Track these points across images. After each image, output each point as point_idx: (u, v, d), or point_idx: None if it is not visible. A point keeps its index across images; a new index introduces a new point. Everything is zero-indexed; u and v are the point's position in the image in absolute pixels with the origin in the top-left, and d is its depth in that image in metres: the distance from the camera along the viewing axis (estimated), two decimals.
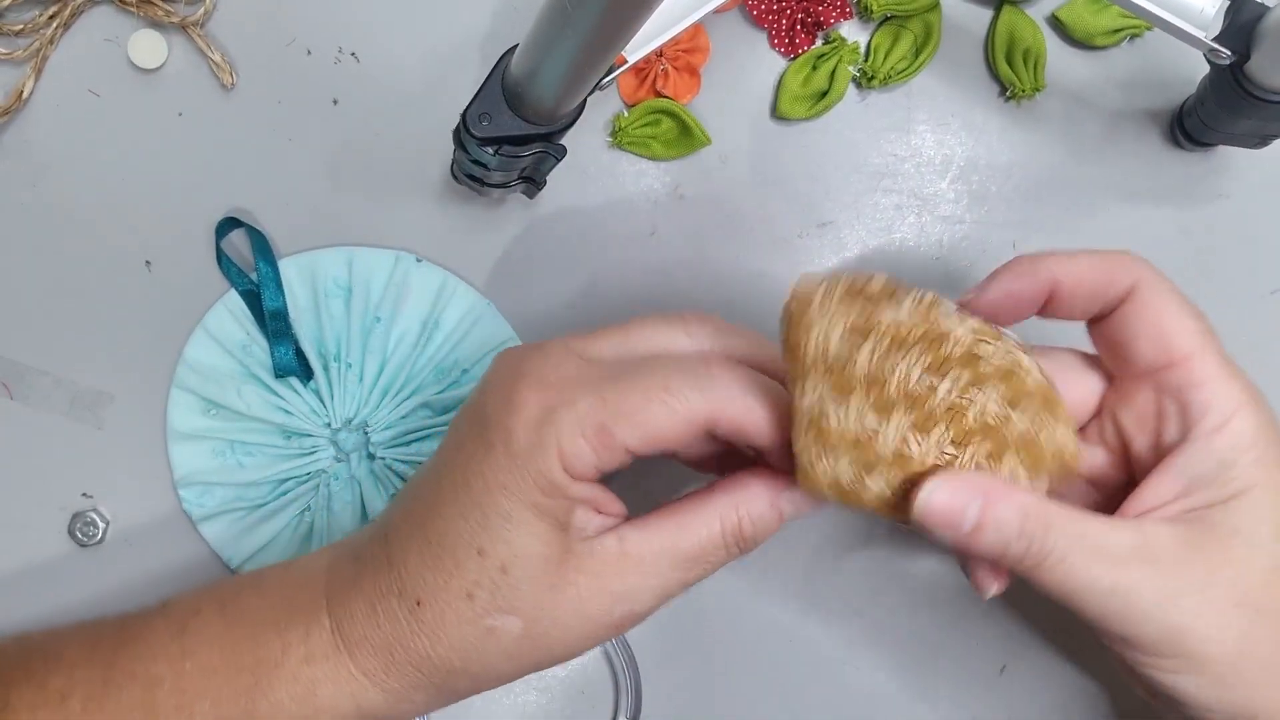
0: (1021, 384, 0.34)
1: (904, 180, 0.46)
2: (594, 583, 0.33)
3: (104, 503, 0.44)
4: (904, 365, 0.33)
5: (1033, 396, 0.35)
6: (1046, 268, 0.36)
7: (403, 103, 0.45)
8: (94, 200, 0.44)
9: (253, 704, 0.34)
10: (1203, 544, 0.33)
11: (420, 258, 0.45)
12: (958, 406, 0.34)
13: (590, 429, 0.33)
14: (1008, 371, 0.34)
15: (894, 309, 0.34)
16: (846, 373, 0.33)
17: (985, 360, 0.34)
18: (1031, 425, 0.35)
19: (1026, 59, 0.46)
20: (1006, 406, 0.34)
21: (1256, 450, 0.34)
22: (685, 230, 0.46)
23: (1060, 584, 0.33)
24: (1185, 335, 0.35)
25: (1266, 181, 0.47)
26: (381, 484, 0.44)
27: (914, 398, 0.33)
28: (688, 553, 0.34)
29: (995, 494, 0.33)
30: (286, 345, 0.43)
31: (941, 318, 0.34)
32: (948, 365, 0.34)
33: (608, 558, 0.34)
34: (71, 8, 0.43)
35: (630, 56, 0.40)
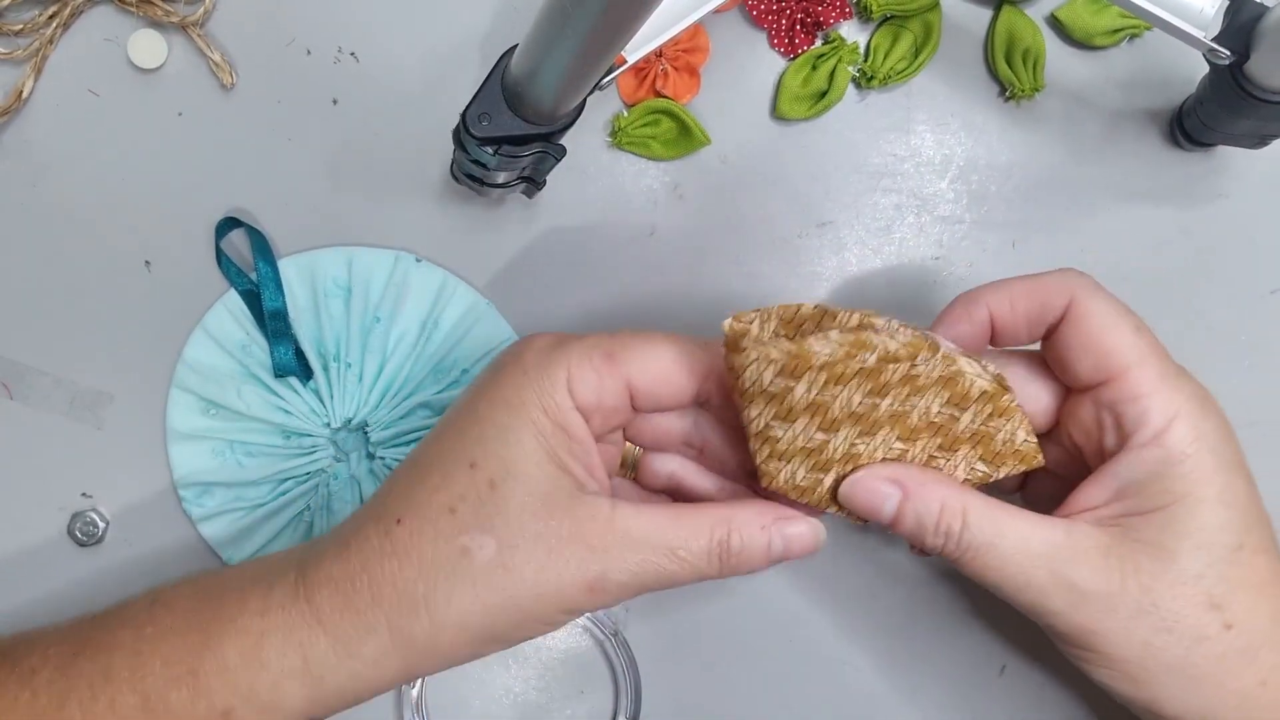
0: (964, 389, 0.35)
1: (903, 180, 0.46)
2: (576, 531, 0.33)
3: (104, 503, 0.44)
4: (844, 394, 0.35)
5: (979, 399, 0.36)
6: (981, 305, 0.37)
7: (402, 102, 0.45)
8: (94, 200, 0.44)
9: (199, 660, 0.34)
10: (1121, 550, 0.35)
11: (420, 258, 0.45)
12: (900, 413, 0.35)
13: (599, 355, 0.34)
14: (948, 379, 0.35)
15: (823, 341, 0.34)
16: (787, 403, 0.35)
17: (924, 375, 0.35)
18: (983, 423, 0.36)
19: (1026, 59, 0.46)
20: (951, 407, 0.35)
21: (1189, 464, 0.35)
22: (685, 230, 0.46)
23: (980, 575, 0.35)
24: (1120, 351, 0.36)
25: (1266, 181, 0.47)
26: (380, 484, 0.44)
27: (858, 415, 0.35)
28: (672, 545, 0.34)
29: (914, 486, 0.35)
30: (286, 345, 0.43)
31: (874, 338, 0.35)
32: (886, 389, 0.35)
33: (597, 515, 0.34)
34: (71, 7, 0.43)
35: (630, 56, 0.40)
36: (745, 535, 0.35)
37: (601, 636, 0.45)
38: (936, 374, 0.35)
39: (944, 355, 0.35)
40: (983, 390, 0.35)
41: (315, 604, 0.34)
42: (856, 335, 0.34)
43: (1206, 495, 0.35)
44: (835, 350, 0.34)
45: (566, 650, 0.45)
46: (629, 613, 0.45)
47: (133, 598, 0.37)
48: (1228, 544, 0.35)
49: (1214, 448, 0.35)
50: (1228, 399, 0.47)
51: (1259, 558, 0.35)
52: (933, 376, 0.35)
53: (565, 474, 0.34)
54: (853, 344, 0.34)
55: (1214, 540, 0.35)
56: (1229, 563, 0.35)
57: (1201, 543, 0.34)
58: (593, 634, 0.45)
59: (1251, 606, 0.35)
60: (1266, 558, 0.36)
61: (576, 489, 0.34)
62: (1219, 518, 0.35)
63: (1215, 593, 0.34)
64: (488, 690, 0.45)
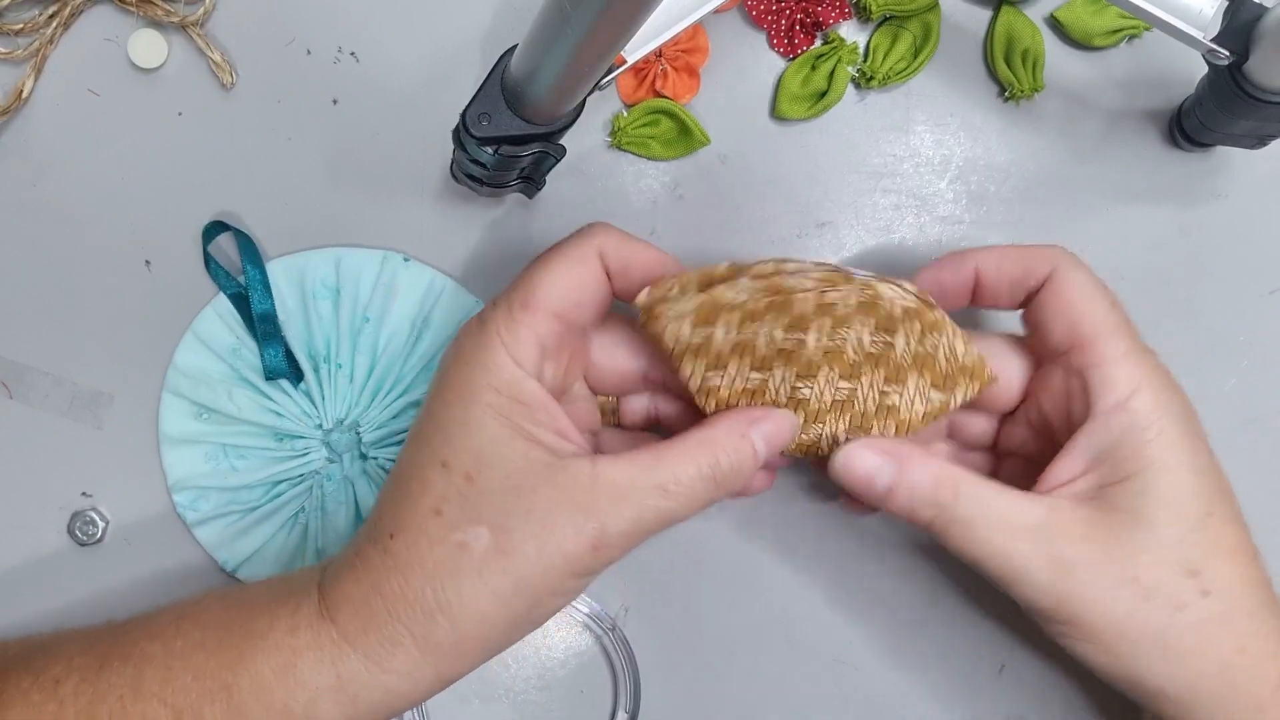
0: (887, 312, 0.36)
1: (903, 180, 0.46)
2: (563, 497, 0.33)
3: (103, 502, 0.44)
4: (764, 330, 0.35)
5: (903, 318, 0.36)
6: (971, 260, 0.38)
7: (402, 102, 0.45)
8: (94, 200, 0.44)
9: (234, 677, 0.34)
10: (1100, 522, 0.35)
11: (408, 257, 0.45)
12: (832, 349, 0.36)
13: (516, 309, 0.35)
14: (868, 305, 0.36)
15: (734, 288, 0.35)
16: (713, 350, 0.35)
17: (841, 303, 0.36)
18: (920, 344, 0.36)
19: (1025, 59, 0.46)
20: (881, 334, 0.36)
21: (1154, 430, 0.35)
22: (684, 230, 0.46)
23: (964, 549, 0.36)
24: (1093, 319, 0.37)
25: (1265, 182, 0.47)
26: (374, 484, 0.44)
27: (787, 353, 0.35)
28: (662, 483, 0.34)
29: (911, 461, 0.36)
30: (276, 348, 0.43)
31: (787, 279, 0.36)
32: (805, 320, 0.36)
33: (579, 477, 0.34)
34: (71, 7, 0.43)
35: (629, 57, 0.40)
36: (729, 450, 0.35)
37: (600, 633, 0.45)
38: (854, 301, 0.36)
39: (859, 281, 0.36)
40: (905, 308, 0.36)
41: (340, 624, 0.34)
42: (768, 280, 0.36)
43: (1176, 462, 0.35)
44: (747, 295, 0.35)
45: (566, 648, 0.45)
46: (628, 611, 0.45)
47: (156, 610, 0.37)
48: (1199, 511, 0.35)
49: (1178, 417, 0.36)
50: (1226, 398, 0.47)
51: (1228, 526, 0.36)
52: (851, 304, 0.36)
53: (536, 445, 0.34)
54: (765, 288, 0.35)
55: (1186, 507, 0.35)
56: (1202, 529, 0.35)
57: (1175, 509, 0.35)
58: (592, 631, 0.45)
59: (1227, 573, 0.35)
60: (1234, 526, 0.36)
61: (552, 457, 0.34)
62: (1189, 484, 0.35)
63: (1191, 559, 0.35)
64: (487, 689, 0.45)
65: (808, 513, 0.46)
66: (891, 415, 0.37)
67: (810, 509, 0.46)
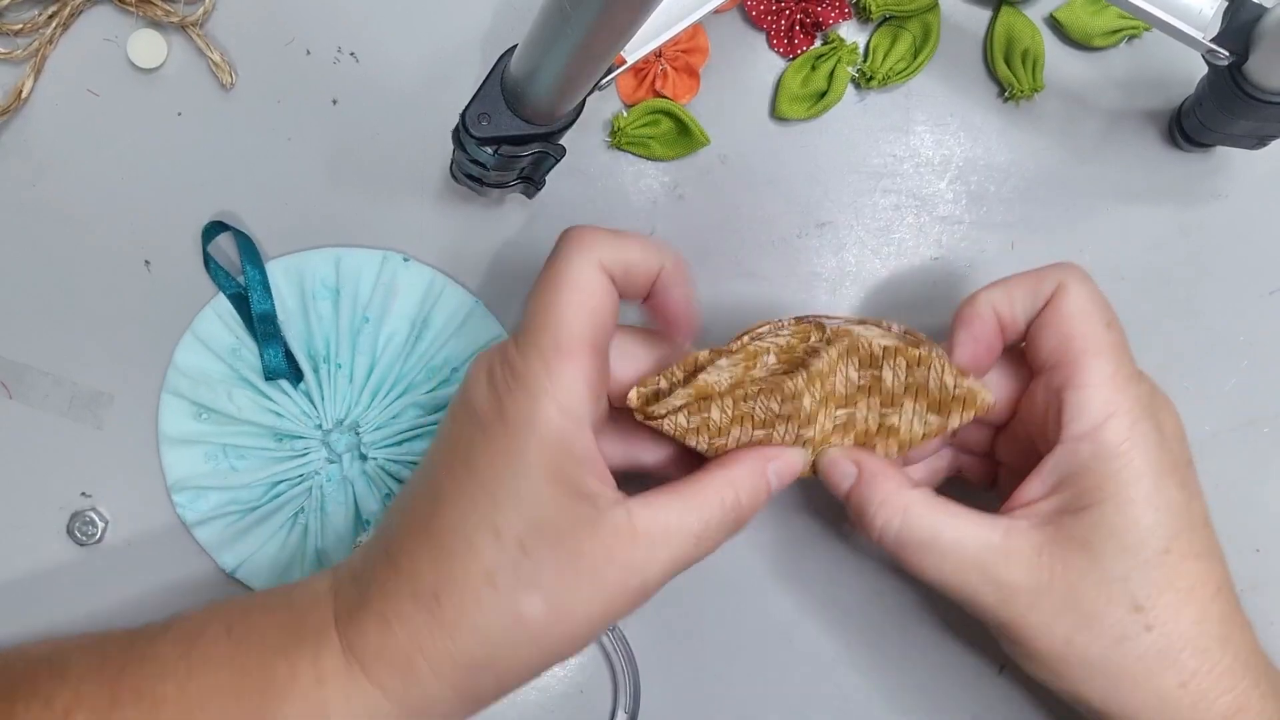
0: (869, 351, 0.37)
1: (902, 180, 0.46)
2: (607, 553, 0.33)
3: (103, 502, 0.44)
4: (759, 404, 0.36)
5: (886, 355, 0.37)
6: (987, 307, 0.38)
7: (402, 103, 0.45)
8: (93, 200, 0.44)
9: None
10: (1052, 549, 0.36)
11: (408, 257, 0.45)
12: (825, 394, 0.37)
13: (551, 354, 0.34)
14: (849, 350, 0.37)
15: (716, 370, 0.37)
16: (714, 427, 0.36)
17: (823, 356, 0.37)
18: (907, 376, 0.37)
19: (1025, 60, 0.46)
20: (867, 369, 0.37)
21: (1120, 462, 0.35)
22: (684, 230, 0.46)
23: (916, 571, 0.37)
24: (1083, 336, 0.36)
25: (1264, 182, 0.47)
26: (374, 484, 0.44)
27: (785, 416, 0.37)
28: (696, 532, 0.35)
29: (866, 475, 0.37)
30: (276, 348, 0.43)
31: (761, 345, 0.37)
32: (798, 393, 0.36)
33: (619, 529, 0.34)
34: (71, 7, 0.43)
35: (629, 57, 0.40)
36: (748, 488, 0.36)
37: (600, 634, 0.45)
38: (835, 354, 0.37)
39: (833, 330, 0.37)
40: (885, 347, 0.37)
41: (375, 678, 0.34)
42: (744, 351, 0.37)
43: (1135, 497, 0.35)
44: (731, 374, 0.37)
45: None
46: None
47: (154, 631, 0.37)
48: (1155, 547, 0.35)
49: (1149, 449, 0.36)
50: (1226, 398, 0.47)
51: (1187, 563, 0.36)
52: (831, 357, 0.37)
53: (584, 499, 0.34)
54: (745, 362, 0.37)
55: (1141, 542, 0.35)
56: (1155, 566, 0.35)
57: (1127, 545, 0.35)
58: None
59: (1176, 610, 0.35)
60: (1197, 563, 0.36)
61: (595, 510, 0.34)
62: (1147, 520, 0.35)
63: (1139, 595, 0.35)
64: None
65: (808, 513, 0.46)
66: (893, 435, 0.38)
67: (810, 509, 0.46)
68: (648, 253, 0.36)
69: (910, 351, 0.37)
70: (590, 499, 0.34)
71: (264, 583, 0.44)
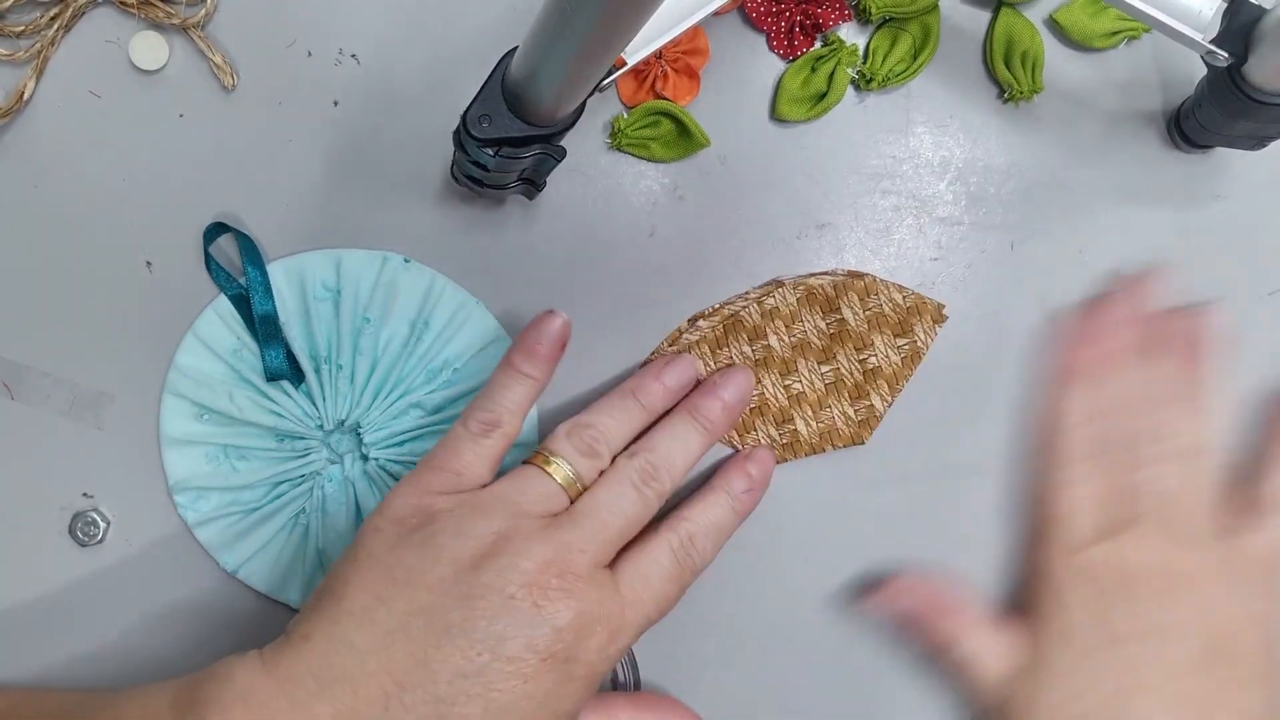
0: (824, 295, 0.44)
1: (902, 182, 0.46)
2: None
3: (104, 503, 0.44)
4: (734, 353, 0.44)
5: (839, 293, 0.44)
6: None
7: (403, 104, 0.45)
8: (95, 201, 0.44)
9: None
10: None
11: (408, 258, 0.45)
12: (798, 343, 0.44)
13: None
14: (807, 297, 0.44)
15: (692, 332, 0.44)
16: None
17: (781, 304, 0.44)
18: (864, 309, 0.44)
19: (1024, 61, 0.46)
20: (830, 315, 0.44)
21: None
22: (684, 231, 0.46)
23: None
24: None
25: (1264, 183, 0.47)
26: (375, 485, 0.44)
27: (763, 362, 0.44)
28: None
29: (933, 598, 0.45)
30: (277, 349, 0.43)
31: (730, 307, 0.44)
32: (759, 330, 0.44)
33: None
34: (73, 9, 0.43)
35: (630, 58, 0.40)
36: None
37: None
38: (795, 299, 0.43)
39: (791, 281, 0.44)
40: (836, 284, 0.44)
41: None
42: (719, 313, 0.44)
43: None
44: (704, 332, 0.44)
45: None
46: None
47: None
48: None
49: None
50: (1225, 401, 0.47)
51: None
52: (791, 303, 0.43)
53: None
54: (717, 319, 0.44)
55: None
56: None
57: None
58: None
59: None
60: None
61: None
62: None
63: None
64: None
65: (807, 513, 0.46)
66: (879, 376, 0.44)
67: (809, 509, 0.46)
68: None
69: (856, 283, 0.44)
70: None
71: (264, 583, 0.44)
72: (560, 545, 0.36)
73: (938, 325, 0.44)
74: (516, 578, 0.35)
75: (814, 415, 0.44)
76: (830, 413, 0.44)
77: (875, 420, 0.45)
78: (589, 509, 0.38)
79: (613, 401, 0.41)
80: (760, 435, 0.44)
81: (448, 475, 0.38)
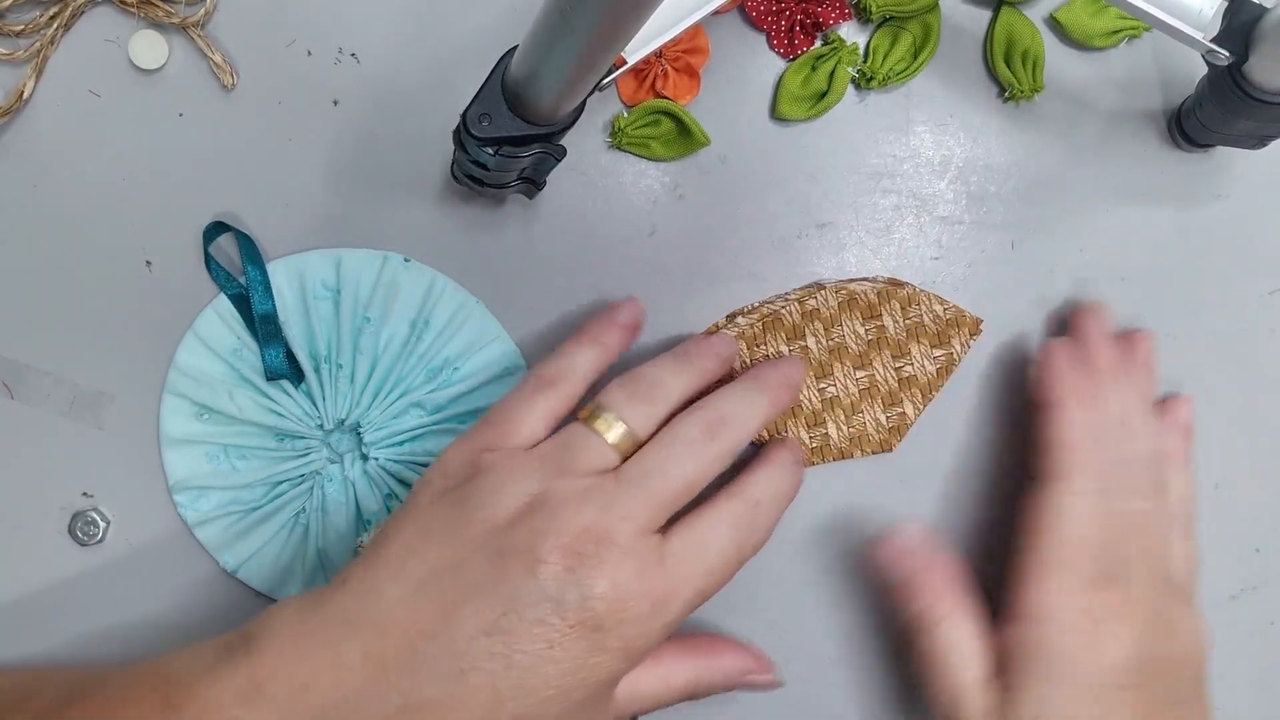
0: (866, 301, 0.44)
1: (903, 181, 0.46)
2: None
3: (104, 502, 0.44)
4: (771, 351, 0.44)
5: (882, 300, 0.44)
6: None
7: (403, 103, 0.45)
8: (95, 200, 0.44)
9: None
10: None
11: (408, 258, 0.45)
12: (835, 347, 0.44)
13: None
14: (849, 302, 0.44)
15: (731, 327, 0.44)
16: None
17: (823, 306, 0.44)
18: (904, 318, 0.44)
19: (1025, 60, 0.46)
20: (870, 321, 0.44)
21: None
22: (684, 231, 0.46)
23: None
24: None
25: (1265, 182, 0.47)
26: (375, 485, 0.44)
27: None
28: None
29: (926, 564, 0.42)
30: (277, 348, 0.43)
31: (771, 305, 0.44)
32: (798, 329, 0.44)
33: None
34: (72, 8, 0.43)
35: (630, 57, 0.40)
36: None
37: None
38: (836, 303, 0.44)
39: (832, 286, 0.44)
40: (879, 291, 0.44)
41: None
42: (759, 311, 0.44)
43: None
44: (741, 328, 0.44)
45: None
46: None
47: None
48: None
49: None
50: (1225, 401, 0.47)
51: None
52: (833, 306, 0.44)
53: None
54: (755, 317, 0.44)
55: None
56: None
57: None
58: None
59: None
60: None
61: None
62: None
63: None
64: None
65: (806, 514, 0.46)
66: (913, 384, 0.44)
67: (808, 510, 0.46)
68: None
69: (899, 292, 0.44)
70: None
71: (264, 582, 0.44)
72: (601, 510, 0.35)
73: (974, 338, 0.44)
74: (550, 541, 0.34)
75: (846, 420, 0.44)
76: (862, 418, 0.44)
77: (905, 428, 0.45)
78: (640, 472, 0.36)
79: (665, 360, 0.39)
80: (791, 437, 0.44)
81: (499, 431, 0.37)
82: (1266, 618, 0.47)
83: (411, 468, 0.44)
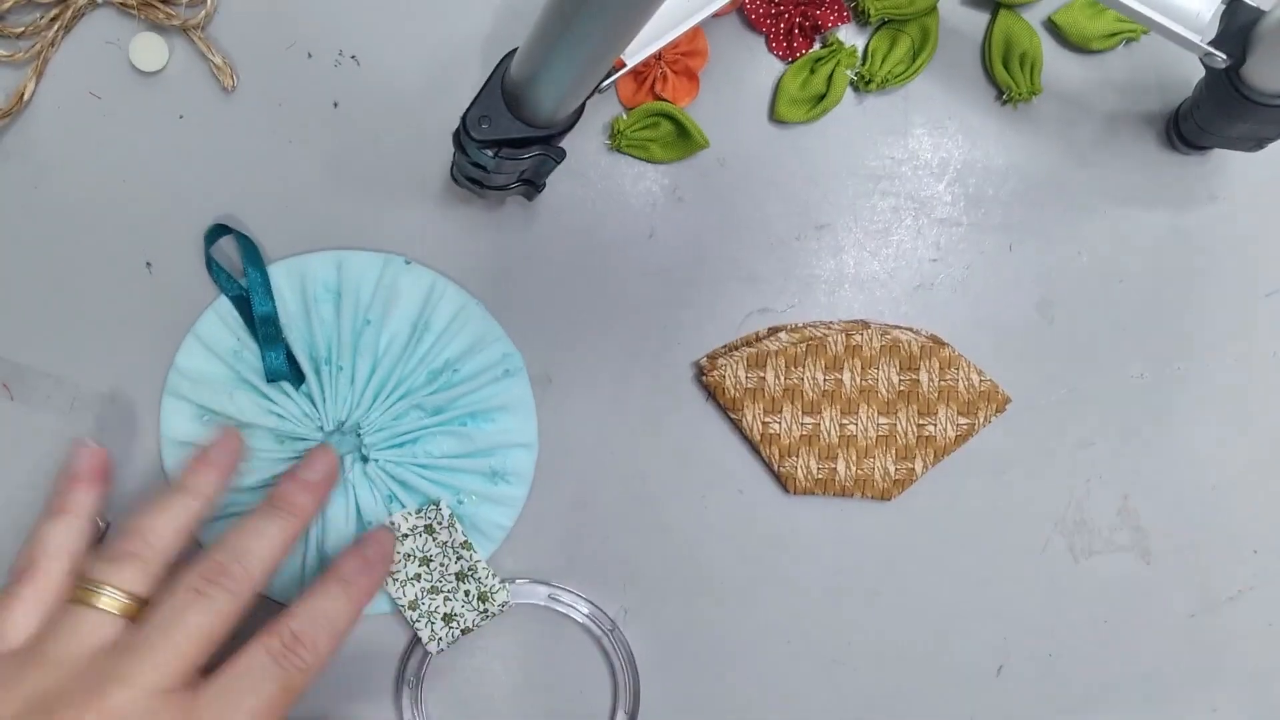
0: (907, 352, 0.44)
1: (901, 183, 0.46)
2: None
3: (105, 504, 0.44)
4: (808, 374, 0.43)
5: (923, 355, 0.44)
6: None
7: (403, 105, 0.45)
8: (95, 202, 0.44)
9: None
10: None
11: (409, 260, 0.45)
12: (867, 388, 0.44)
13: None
14: (890, 348, 0.44)
15: (774, 340, 0.44)
16: (767, 396, 0.44)
17: (866, 345, 0.44)
18: (940, 379, 0.44)
19: (1023, 63, 0.46)
20: (907, 372, 0.44)
21: None
22: (683, 232, 0.46)
23: None
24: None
25: (1262, 184, 0.47)
26: (376, 486, 0.44)
27: (830, 394, 0.43)
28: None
29: None
30: (277, 350, 0.43)
31: (814, 330, 0.44)
32: (839, 361, 0.44)
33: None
34: (73, 10, 0.44)
35: (629, 60, 0.40)
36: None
37: (600, 634, 0.45)
38: (878, 345, 0.44)
39: (877, 327, 0.44)
40: (922, 346, 0.44)
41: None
42: (800, 332, 0.44)
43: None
44: (784, 345, 0.44)
45: (565, 649, 0.45)
46: (627, 613, 0.45)
47: None
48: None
49: None
50: (1224, 402, 0.47)
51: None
52: (875, 347, 0.44)
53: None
54: (798, 337, 0.44)
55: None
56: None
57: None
58: (591, 632, 0.45)
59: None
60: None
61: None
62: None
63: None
64: (487, 689, 0.45)
65: (805, 515, 0.46)
66: (930, 444, 0.45)
67: (808, 512, 0.46)
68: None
69: (941, 352, 0.44)
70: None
71: None
72: (101, 689, 0.33)
73: (998, 414, 0.45)
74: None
75: (857, 461, 0.44)
76: (873, 463, 0.45)
77: (909, 483, 0.45)
78: (142, 637, 0.34)
79: (150, 505, 0.38)
80: (801, 463, 0.44)
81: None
82: (1265, 619, 0.47)
83: (411, 469, 0.44)
